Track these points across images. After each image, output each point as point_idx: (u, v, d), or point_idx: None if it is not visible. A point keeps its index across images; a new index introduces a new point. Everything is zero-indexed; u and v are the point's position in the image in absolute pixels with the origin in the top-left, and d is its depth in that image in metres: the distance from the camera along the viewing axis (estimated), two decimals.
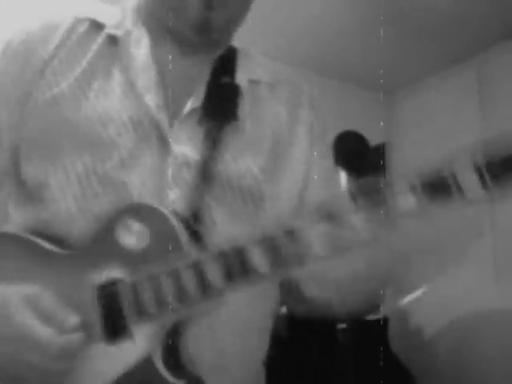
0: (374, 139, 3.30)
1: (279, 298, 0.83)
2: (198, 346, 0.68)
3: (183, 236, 0.62)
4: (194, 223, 0.67)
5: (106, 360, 0.62)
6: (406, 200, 0.53)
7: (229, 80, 0.78)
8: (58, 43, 0.75)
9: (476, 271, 3.28)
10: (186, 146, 0.72)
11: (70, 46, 0.76)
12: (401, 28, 2.85)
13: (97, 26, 0.77)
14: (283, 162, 0.80)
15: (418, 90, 3.38)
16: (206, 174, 0.70)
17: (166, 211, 0.64)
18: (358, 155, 2.73)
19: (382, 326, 2.85)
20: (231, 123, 0.74)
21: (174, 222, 0.63)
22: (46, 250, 0.67)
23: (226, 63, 0.81)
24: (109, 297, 0.63)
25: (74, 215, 0.69)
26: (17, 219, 0.74)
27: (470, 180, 0.53)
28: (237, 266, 0.58)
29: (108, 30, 0.77)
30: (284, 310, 2.23)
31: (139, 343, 0.61)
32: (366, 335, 2.64)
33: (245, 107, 0.78)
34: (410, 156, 3.28)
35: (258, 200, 0.75)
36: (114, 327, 0.62)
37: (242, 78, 0.80)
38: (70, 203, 0.69)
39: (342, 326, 2.40)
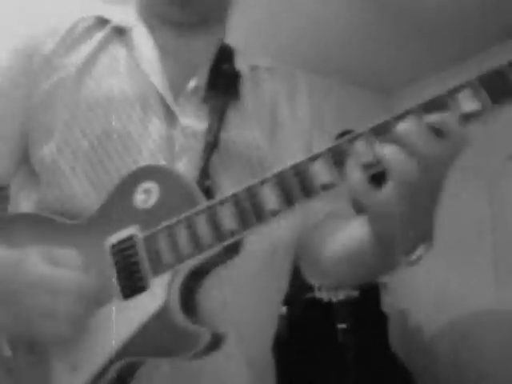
0: None
1: (288, 276, 0.84)
2: (210, 305, 0.68)
3: (197, 190, 0.64)
4: (208, 182, 0.69)
5: (125, 315, 0.63)
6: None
7: (230, 67, 0.81)
8: (64, 34, 0.77)
9: (476, 271, 3.29)
10: (193, 119, 0.74)
11: (75, 36, 0.78)
12: (401, 28, 2.86)
13: (102, 21, 0.80)
14: (282, 141, 0.82)
15: (418, 90, 3.38)
16: (212, 142, 0.72)
17: (177, 170, 0.66)
18: None
19: (382, 325, 2.85)
20: (233, 101, 0.77)
21: (188, 178, 0.65)
22: (63, 224, 0.69)
23: (226, 54, 0.84)
24: (124, 252, 0.64)
25: (87, 190, 0.70)
26: (29, 206, 0.76)
27: None
28: (248, 206, 0.59)
29: (113, 23, 0.80)
30: (284, 310, 2.23)
31: (157, 293, 0.62)
32: (366, 335, 2.65)
33: (245, 88, 0.81)
34: None
35: (264, 170, 0.75)
36: (131, 281, 0.63)
37: (242, 64, 0.83)
38: (82, 179, 0.71)
39: (342, 326, 2.40)
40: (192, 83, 0.76)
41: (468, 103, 0.55)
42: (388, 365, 2.61)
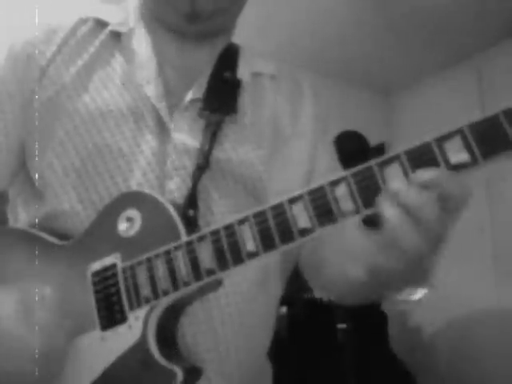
0: (374, 139, 3.31)
1: (282, 288, 0.83)
2: (196, 334, 0.68)
3: (179, 222, 0.63)
4: (191, 212, 0.67)
5: (102, 346, 0.63)
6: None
7: (231, 75, 0.79)
8: (60, 42, 0.76)
9: (476, 271, 3.29)
10: (186, 135, 0.72)
11: (72, 44, 0.77)
12: (401, 28, 2.85)
13: (101, 25, 0.79)
14: (285, 155, 0.80)
15: (418, 90, 3.38)
16: (203, 163, 0.70)
17: (162, 199, 0.64)
18: (358, 155, 2.73)
19: (382, 325, 2.85)
20: (231, 115, 0.75)
21: (171, 208, 0.63)
22: (48, 243, 0.68)
23: (229, 59, 0.81)
24: (104, 282, 0.64)
25: (76, 208, 0.70)
26: (25, 217, 0.76)
27: None
28: (226, 246, 0.58)
29: (111, 27, 0.78)
30: (284, 310, 2.23)
31: (134, 327, 0.62)
32: (366, 335, 2.65)
33: (245, 100, 0.78)
34: None
35: (259, 192, 0.75)
36: (110, 312, 0.63)
37: (244, 71, 0.81)
38: (71, 196, 0.70)
39: (342, 326, 2.40)
40: (189, 95, 0.74)
41: (456, 154, 0.50)
42: (388, 365, 2.61)
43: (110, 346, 0.62)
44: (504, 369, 2.56)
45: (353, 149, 3.02)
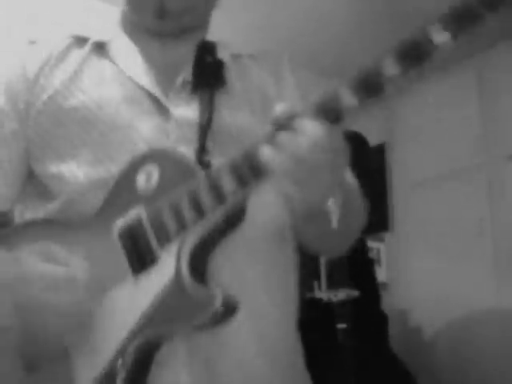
0: (373, 139, 3.30)
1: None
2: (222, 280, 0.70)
3: (195, 165, 0.66)
4: (205, 157, 0.71)
5: (139, 290, 0.65)
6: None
7: (212, 58, 0.83)
8: (44, 58, 0.80)
9: (476, 271, 3.29)
10: (185, 109, 0.76)
11: (56, 55, 0.80)
12: (401, 28, 2.85)
13: (83, 39, 0.82)
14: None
15: (418, 89, 3.38)
16: (206, 125, 0.74)
17: (174, 148, 0.69)
18: (358, 155, 2.73)
19: (382, 325, 2.84)
20: (221, 87, 0.79)
21: (185, 155, 0.67)
22: (70, 222, 0.71)
23: (207, 47, 0.86)
24: (131, 231, 0.66)
25: (88, 190, 0.72)
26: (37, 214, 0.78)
27: None
28: (246, 167, 0.61)
29: (93, 39, 0.82)
30: None
31: (167, 263, 0.64)
32: (366, 335, 2.65)
33: (232, 74, 0.83)
34: (410, 156, 3.28)
35: None
36: (140, 257, 0.65)
37: (223, 54, 0.85)
38: (84, 181, 0.73)
39: (342, 326, 2.40)
40: (179, 79, 0.78)
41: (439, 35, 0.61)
42: (388, 365, 2.61)
43: (145, 288, 0.65)
44: (504, 369, 2.56)
45: (353, 149, 3.01)
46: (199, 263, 0.65)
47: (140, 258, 0.65)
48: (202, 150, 0.72)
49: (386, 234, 3.31)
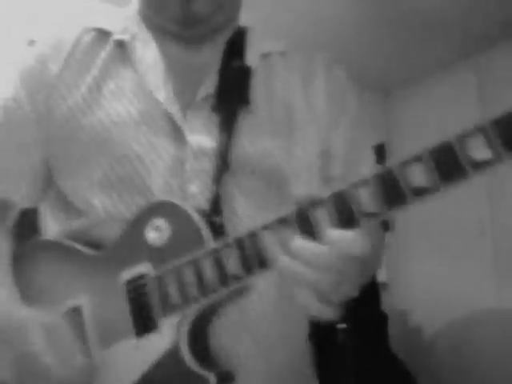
0: (373, 139, 3.30)
1: None
2: (232, 336, 0.69)
3: (205, 229, 0.64)
4: (215, 216, 0.68)
5: (136, 354, 0.65)
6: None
7: (239, 62, 0.78)
8: (66, 56, 0.77)
9: (476, 271, 3.28)
10: (201, 135, 0.72)
11: (79, 57, 0.77)
12: (400, 28, 2.86)
13: (104, 34, 0.78)
14: (299, 137, 0.78)
15: (418, 89, 3.39)
16: (224, 161, 0.70)
17: (187, 206, 0.66)
18: None
19: (382, 325, 2.85)
20: (244, 107, 0.74)
21: (196, 217, 0.64)
22: (81, 253, 0.71)
23: (236, 47, 0.80)
24: (136, 291, 0.65)
25: (103, 218, 0.72)
26: (56, 229, 0.78)
27: None
28: (252, 251, 0.58)
29: (115, 36, 0.78)
30: None
31: (166, 334, 0.63)
32: (366, 335, 2.65)
33: (257, 88, 0.77)
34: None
35: (281, 182, 0.74)
36: (143, 320, 0.65)
37: (253, 55, 0.80)
38: (97, 207, 0.72)
39: (342, 326, 2.40)
40: (200, 93, 0.74)
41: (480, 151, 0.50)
42: (388, 365, 2.61)
43: (144, 353, 0.64)
44: (504, 369, 2.56)
45: None
46: (199, 335, 0.65)
47: (142, 320, 0.65)
48: (215, 206, 0.69)
49: (385, 234, 3.31)
